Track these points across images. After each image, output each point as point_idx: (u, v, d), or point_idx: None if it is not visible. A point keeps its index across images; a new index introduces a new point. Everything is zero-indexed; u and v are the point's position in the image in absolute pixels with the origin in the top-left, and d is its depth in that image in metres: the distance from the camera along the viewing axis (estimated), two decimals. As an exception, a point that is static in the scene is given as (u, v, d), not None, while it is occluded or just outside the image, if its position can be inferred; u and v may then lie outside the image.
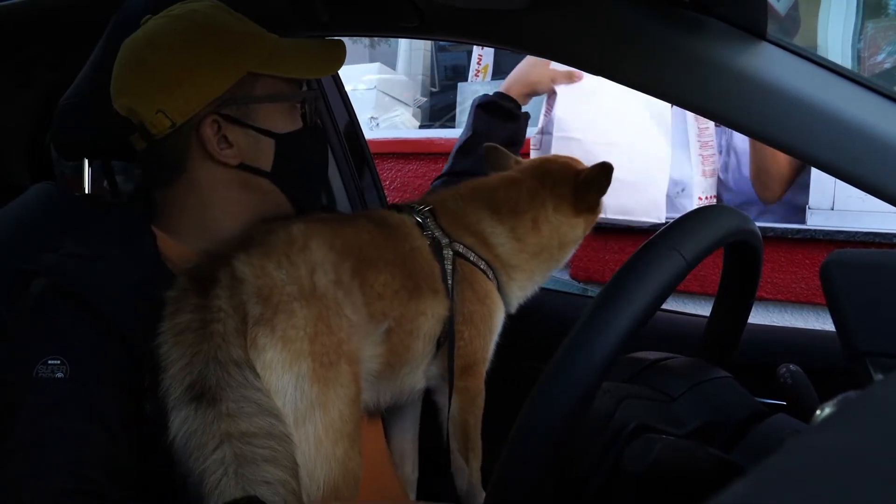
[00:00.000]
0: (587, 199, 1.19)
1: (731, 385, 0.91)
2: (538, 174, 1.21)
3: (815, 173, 2.35)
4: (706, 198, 2.49)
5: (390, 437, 1.21)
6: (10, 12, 1.53)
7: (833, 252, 0.76)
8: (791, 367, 0.87)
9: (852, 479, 0.31)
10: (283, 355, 0.86)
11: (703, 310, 2.07)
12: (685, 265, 0.75)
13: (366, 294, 0.98)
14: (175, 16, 1.02)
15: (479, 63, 3.59)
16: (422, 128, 3.99)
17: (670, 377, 0.89)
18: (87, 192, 1.79)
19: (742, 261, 0.94)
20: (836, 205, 2.33)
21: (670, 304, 1.10)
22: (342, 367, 0.90)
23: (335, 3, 1.20)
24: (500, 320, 1.14)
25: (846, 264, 0.73)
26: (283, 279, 0.89)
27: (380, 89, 3.97)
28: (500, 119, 1.52)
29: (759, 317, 2.35)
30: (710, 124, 2.45)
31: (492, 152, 1.33)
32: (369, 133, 2.54)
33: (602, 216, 1.26)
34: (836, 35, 2.54)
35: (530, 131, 1.69)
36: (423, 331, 1.05)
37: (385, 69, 4.18)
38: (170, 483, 0.82)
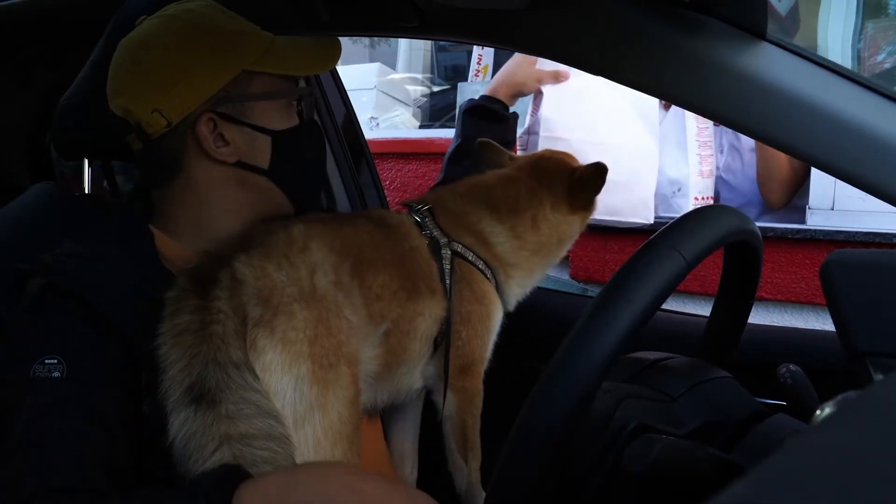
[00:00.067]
0: (582, 198, 1.19)
1: (731, 385, 0.91)
2: (535, 172, 1.21)
3: (815, 173, 2.35)
4: (703, 198, 2.49)
5: (390, 437, 1.21)
6: (10, 12, 1.53)
7: (833, 252, 0.76)
8: (791, 367, 0.87)
9: (852, 479, 0.31)
10: (283, 357, 0.86)
11: (703, 310, 2.07)
12: (685, 265, 0.75)
13: (365, 295, 0.97)
14: (169, 16, 1.03)
15: (479, 63, 3.59)
16: (422, 128, 4.00)
17: (670, 377, 0.89)
18: (87, 192, 1.79)
19: (742, 261, 0.94)
20: (836, 205, 2.33)
21: (670, 304, 1.09)
22: (341, 368, 0.90)
23: (335, 3, 1.20)
24: (498, 320, 1.14)
25: (846, 264, 0.74)
26: (283, 280, 0.89)
27: (380, 89, 3.97)
28: (489, 122, 1.51)
29: (759, 317, 2.35)
30: (709, 124, 2.44)
31: (486, 148, 1.32)
32: (369, 133, 2.55)
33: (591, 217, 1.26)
34: (836, 35, 2.54)
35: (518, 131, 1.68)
36: (421, 331, 1.05)
37: (385, 69, 4.18)
38: (169, 484, 0.82)
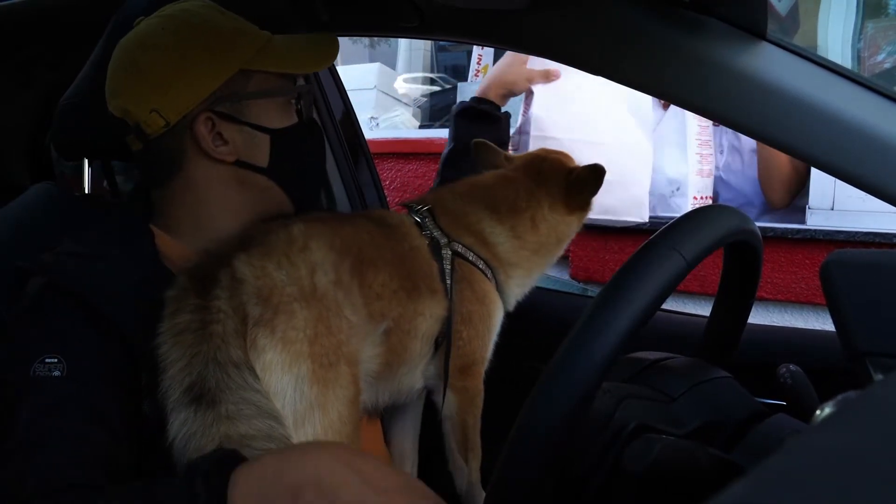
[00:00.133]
0: (579, 199, 1.19)
1: (731, 385, 0.91)
2: (532, 172, 1.21)
3: (815, 173, 2.35)
4: (702, 198, 2.48)
5: (390, 437, 1.21)
6: (10, 12, 1.53)
7: (833, 252, 0.76)
8: (791, 367, 0.87)
9: (852, 479, 0.31)
10: (283, 356, 0.86)
11: (703, 310, 2.07)
12: (685, 265, 0.75)
13: (365, 294, 0.97)
14: (166, 16, 1.03)
15: (479, 63, 3.60)
16: (422, 128, 4.00)
17: (670, 377, 0.89)
18: (87, 192, 1.79)
19: (742, 261, 0.94)
20: (836, 205, 2.33)
21: (670, 304, 1.09)
22: (341, 368, 0.90)
23: (335, 3, 1.20)
24: (498, 320, 1.14)
25: (846, 264, 0.73)
26: (283, 280, 0.89)
27: (380, 89, 3.98)
28: (481, 123, 1.50)
29: (759, 317, 2.36)
30: (710, 123, 2.44)
31: (481, 149, 1.32)
32: (369, 133, 2.54)
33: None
34: (836, 35, 2.54)
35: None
36: (422, 331, 1.05)
37: (385, 69, 4.19)
38: None
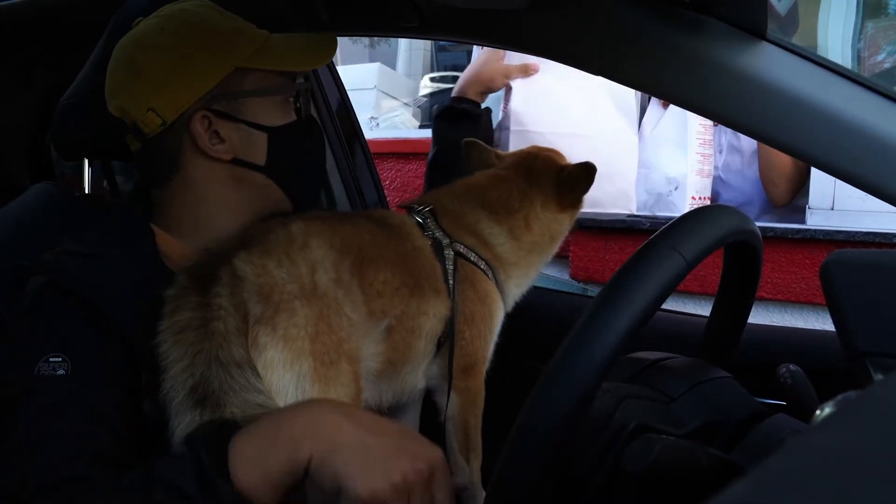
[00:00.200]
0: (571, 197, 1.20)
1: (731, 385, 0.91)
2: (524, 171, 1.21)
3: (815, 173, 2.35)
4: (700, 198, 2.48)
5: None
6: (10, 12, 1.53)
7: (833, 252, 0.76)
8: (791, 367, 0.86)
9: (852, 479, 0.31)
10: (285, 354, 0.86)
11: (703, 310, 2.07)
12: (685, 265, 0.75)
13: (365, 292, 0.97)
14: (164, 16, 1.03)
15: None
16: (422, 128, 3.99)
17: (670, 377, 0.89)
18: (87, 192, 1.79)
19: (742, 261, 0.94)
20: (836, 205, 2.32)
21: (670, 304, 1.09)
22: (342, 366, 0.90)
23: (335, 3, 1.20)
24: (499, 320, 1.15)
25: (846, 264, 0.73)
26: (283, 278, 0.89)
27: (380, 89, 3.97)
28: (462, 122, 1.49)
29: (759, 317, 2.35)
30: (711, 123, 2.44)
31: (472, 148, 1.31)
32: (369, 133, 2.54)
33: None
34: (836, 35, 2.54)
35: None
36: (425, 330, 1.05)
37: (385, 69, 4.18)
38: None
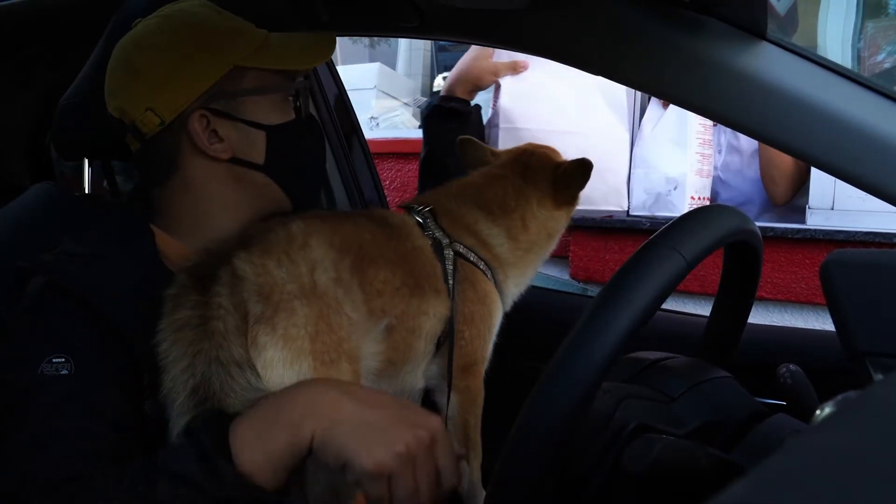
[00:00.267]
0: (567, 194, 1.19)
1: (731, 385, 0.91)
2: (519, 168, 1.21)
3: (815, 173, 2.35)
4: (699, 198, 2.47)
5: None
6: (10, 12, 1.53)
7: (833, 252, 0.76)
8: (791, 367, 0.86)
9: (852, 479, 0.31)
10: (284, 354, 0.86)
11: (703, 310, 2.07)
12: (685, 265, 0.75)
13: (365, 291, 0.97)
14: (163, 16, 1.03)
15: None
16: (422, 128, 3.98)
17: (670, 377, 0.89)
18: (87, 192, 1.79)
19: (742, 261, 0.94)
20: (836, 205, 2.32)
21: (670, 304, 1.09)
22: (342, 365, 0.90)
23: (335, 3, 1.20)
24: (498, 320, 1.15)
25: (846, 264, 0.73)
26: (283, 277, 0.89)
27: (380, 89, 3.97)
28: (451, 121, 1.48)
29: (759, 317, 2.36)
30: (711, 123, 2.44)
31: (467, 146, 1.30)
32: (369, 133, 2.54)
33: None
34: (835, 35, 2.54)
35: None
36: (425, 330, 1.05)
37: (385, 69, 4.18)
38: None
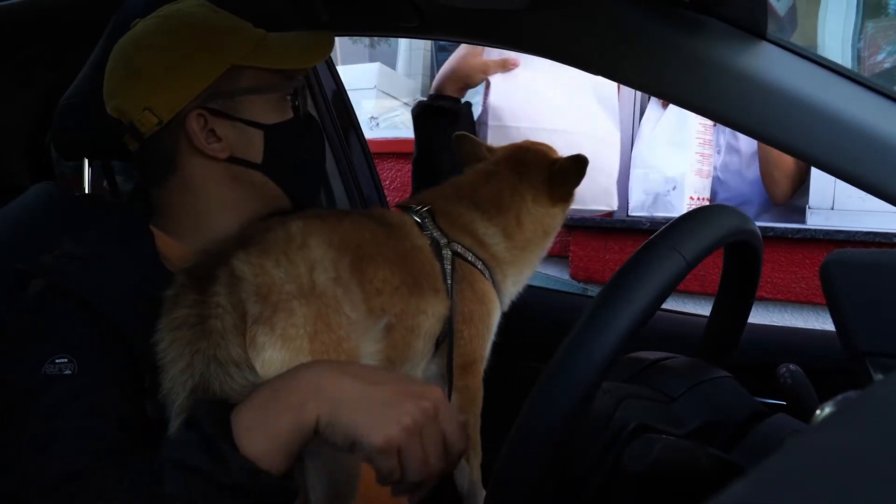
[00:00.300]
0: (562, 190, 1.19)
1: (731, 385, 0.91)
2: (513, 164, 1.20)
3: (816, 173, 2.35)
4: (698, 198, 2.47)
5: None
6: (10, 12, 1.53)
7: (833, 252, 0.76)
8: (791, 367, 0.86)
9: (852, 479, 0.31)
10: (283, 354, 0.86)
11: (703, 310, 2.07)
12: (685, 265, 0.75)
13: (365, 290, 0.97)
14: (161, 16, 1.04)
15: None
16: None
17: (670, 377, 0.89)
18: (87, 192, 1.79)
19: (742, 261, 0.94)
20: (836, 205, 2.33)
21: (670, 304, 1.10)
22: None
23: (335, 3, 1.20)
24: (496, 319, 1.15)
25: (846, 264, 0.73)
26: (281, 277, 0.89)
27: (380, 89, 3.97)
28: (441, 119, 1.47)
29: (759, 317, 2.36)
30: (711, 123, 2.44)
31: (464, 142, 1.30)
32: (369, 133, 2.54)
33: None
34: (835, 35, 2.54)
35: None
36: (424, 329, 1.05)
37: (385, 69, 4.18)
38: None
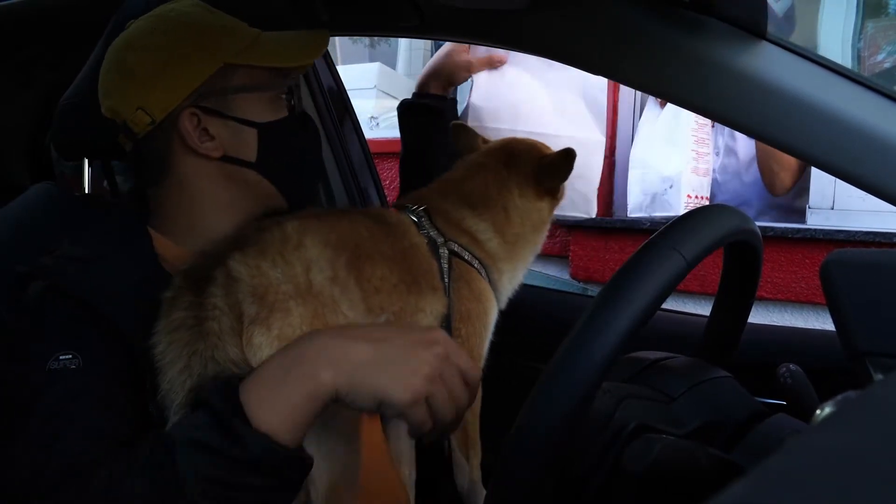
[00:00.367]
0: (548, 184, 1.20)
1: (731, 385, 0.91)
2: (502, 156, 1.21)
3: (816, 173, 2.35)
4: (696, 197, 2.45)
5: (387, 439, 1.20)
6: (10, 12, 1.53)
7: (833, 252, 0.76)
8: (791, 367, 0.86)
9: (852, 479, 0.31)
10: None
11: (703, 310, 2.07)
12: (685, 265, 0.75)
13: (363, 288, 0.97)
14: (155, 16, 1.04)
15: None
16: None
17: (670, 377, 0.89)
18: (87, 192, 1.79)
19: (742, 261, 0.94)
20: (836, 204, 2.33)
21: (670, 304, 1.10)
22: None
23: (335, 3, 1.20)
24: (494, 317, 1.15)
25: (846, 264, 0.73)
26: (278, 278, 0.89)
27: (380, 89, 3.97)
28: (425, 117, 1.47)
29: (759, 317, 2.36)
30: (707, 122, 2.43)
31: (460, 131, 1.30)
32: (369, 133, 2.54)
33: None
34: (836, 35, 2.54)
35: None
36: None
37: (385, 69, 4.18)
38: None
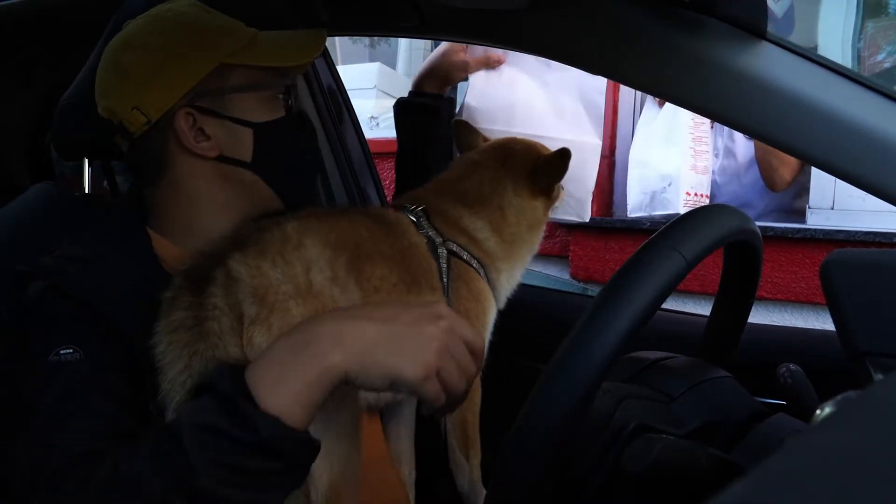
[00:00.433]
0: (544, 183, 1.20)
1: (731, 385, 0.91)
2: (499, 154, 1.21)
3: (816, 173, 2.35)
4: (695, 195, 2.44)
5: (387, 439, 1.21)
6: (10, 12, 1.53)
7: (833, 252, 0.76)
8: (791, 367, 0.86)
9: (852, 479, 0.31)
10: None
11: (703, 310, 2.07)
12: (685, 265, 0.75)
13: (363, 288, 0.97)
14: (152, 16, 1.04)
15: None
16: (421, 127, 3.98)
17: (670, 377, 0.89)
18: (87, 192, 1.79)
19: (742, 261, 0.94)
20: (836, 204, 2.33)
21: (670, 304, 1.10)
22: None
23: (335, 3, 1.20)
24: (493, 317, 1.15)
25: (846, 264, 0.73)
26: (278, 278, 0.89)
27: (380, 89, 3.97)
28: (421, 116, 1.46)
29: (759, 317, 2.36)
30: (705, 121, 2.43)
31: (462, 128, 1.30)
32: (369, 133, 2.54)
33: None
34: (836, 35, 2.55)
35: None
36: None
37: (385, 69, 4.18)
38: None
